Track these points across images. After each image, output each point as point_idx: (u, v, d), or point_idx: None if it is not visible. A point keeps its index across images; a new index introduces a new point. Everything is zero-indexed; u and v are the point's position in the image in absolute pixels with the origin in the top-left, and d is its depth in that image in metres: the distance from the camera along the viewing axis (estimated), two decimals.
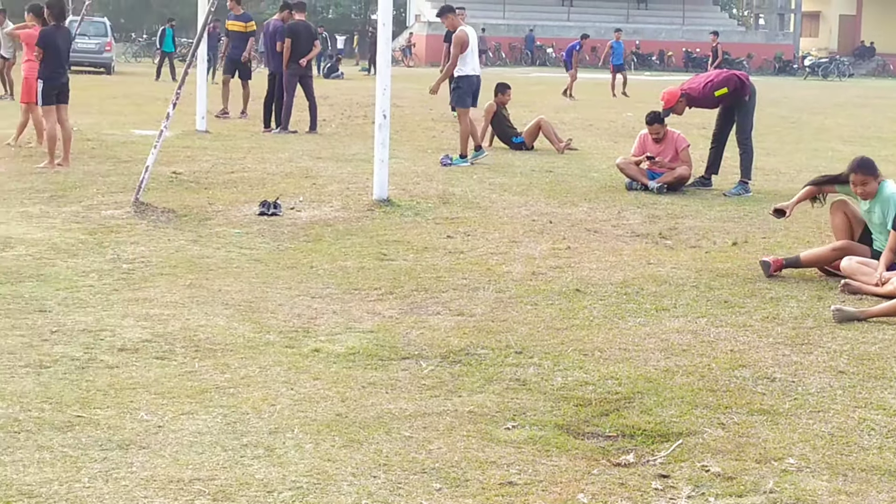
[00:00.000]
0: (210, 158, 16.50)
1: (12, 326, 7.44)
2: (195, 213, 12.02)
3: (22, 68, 17.23)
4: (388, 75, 12.82)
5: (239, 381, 6.42)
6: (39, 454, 5.19)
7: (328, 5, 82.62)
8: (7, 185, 13.71)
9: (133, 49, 64.68)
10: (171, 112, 12.85)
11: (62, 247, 10.16)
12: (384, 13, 12.83)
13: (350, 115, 25.83)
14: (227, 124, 22.44)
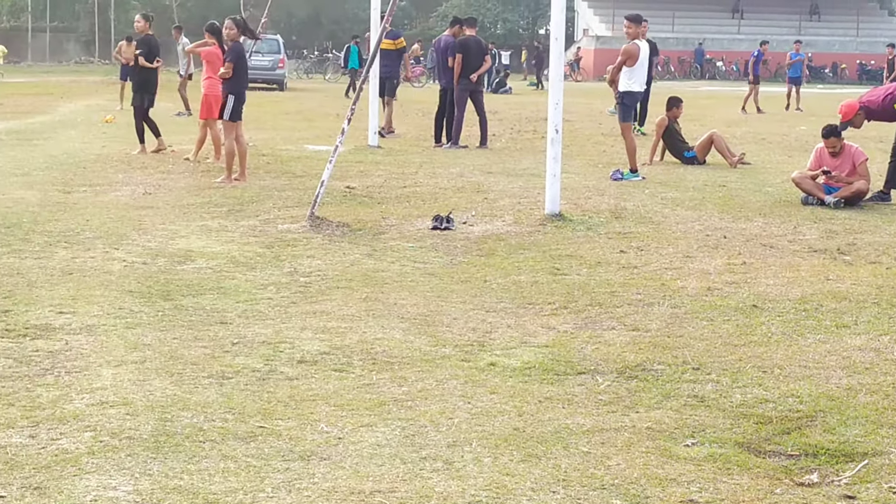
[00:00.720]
0: (382, 173, 16.70)
1: (195, 338, 7.61)
2: (369, 227, 12.15)
3: (202, 85, 17.65)
4: (561, 90, 12.80)
5: (416, 394, 6.46)
6: (224, 464, 5.29)
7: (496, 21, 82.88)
8: (187, 200, 14.05)
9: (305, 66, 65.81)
10: (346, 127, 13.02)
11: (241, 260, 10.36)
12: (556, 27, 12.81)
13: (519, 129, 25.89)
14: (398, 140, 22.66)
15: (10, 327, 7.77)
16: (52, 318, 8.08)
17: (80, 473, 5.14)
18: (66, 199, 13.99)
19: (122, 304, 8.55)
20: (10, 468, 5.18)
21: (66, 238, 11.24)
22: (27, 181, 15.57)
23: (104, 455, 5.36)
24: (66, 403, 6.16)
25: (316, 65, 65.80)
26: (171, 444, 5.53)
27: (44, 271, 9.67)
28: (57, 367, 6.88)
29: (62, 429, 5.73)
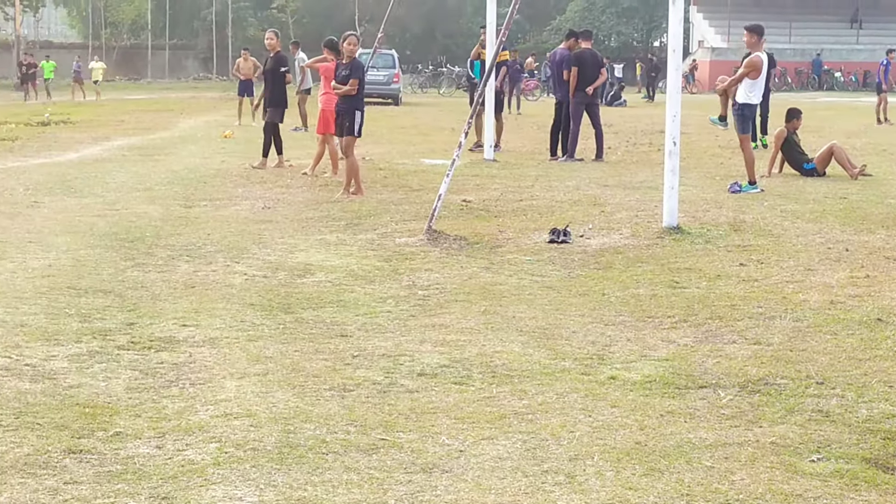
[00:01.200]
0: (498, 187, 16.72)
1: (316, 350, 7.68)
2: (486, 240, 12.17)
3: (319, 100, 17.85)
4: (678, 102, 12.71)
5: (537, 407, 6.45)
6: (347, 475, 5.33)
7: (610, 34, 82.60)
8: (305, 214, 14.20)
9: (419, 80, 66.17)
10: (463, 141, 13.07)
11: (359, 273, 10.44)
12: (674, 39, 12.73)
13: (635, 142, 25.77)
14: (514, 153, 22.67)
15: (135, 340, 7.91)
16: (176, 330, 8.21)
17: (206, 484, 5.21)
18: (188, 213, 14.23)
19: (244, 316, 8.67)
20: (139, 478, 5.27)
21: (189, 252, 11.43)
22: (150, 196, 15.86)
23: (229, 466, 5.43)
24: (192, 415, 6.25)
25: (430, 79, 66.14)
26: (294, 455, 5.59)
27: (167, 284, 9.84)
28: (182, 378, 6.99)
29: (188, 440, 5.82)
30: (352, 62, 15.54)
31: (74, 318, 8.55)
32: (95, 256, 11.09)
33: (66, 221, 13.36)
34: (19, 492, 5.09)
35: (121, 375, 7.03)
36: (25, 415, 6.19)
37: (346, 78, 15.46)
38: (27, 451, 5.60)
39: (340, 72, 15.60)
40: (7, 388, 6.68)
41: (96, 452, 5.62)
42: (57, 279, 9.95)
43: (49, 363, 7.28)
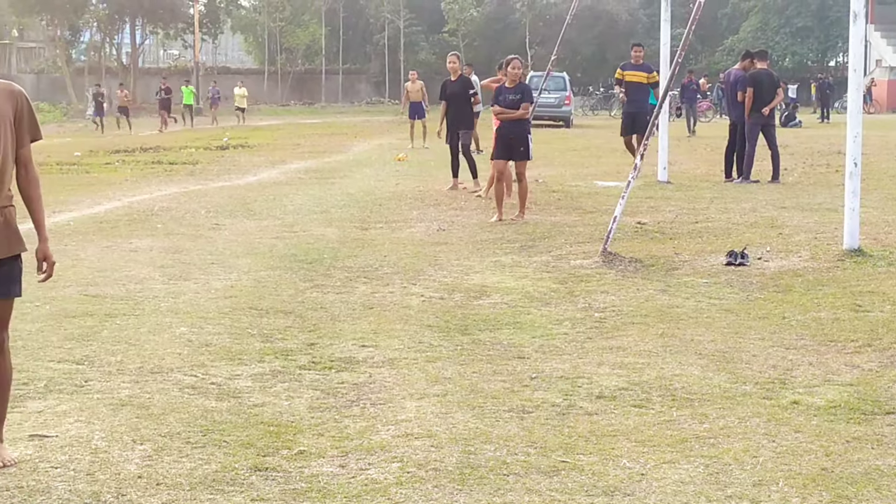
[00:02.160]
0: (673, 209, 16.58)
1: (493, 372, 7.71)
2: (662, 262, 12.07)
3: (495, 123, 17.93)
4: (860, 122, 12.43)
5: (718, 431, 6.37)
6: (529, 497, 5.33)
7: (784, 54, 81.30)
8: (480, 236, 14.28)
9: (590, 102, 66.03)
10: (639, 163, 13.00)
11: (535, 295, 10.45)
12: (855, 59, 12.49)
13: (811, 163, 25.31)
14: (688, 175, 22.46)
15: (316, 360, 8.04)
16: (356, 351, 8.32)
17: (389, 503, 5.26)
18: (364, 235, 14.42)
19: (422, 337, 8.74)
20: (324, 496, 5.36)
21: (366, 273, 11.58)
22: (326, 218, 16.12)
23: (412, 486, 5.48)
24: (373, 434, 6.33)
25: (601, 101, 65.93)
26: (475, 476, 5.61)
27: (346, 305, 9.98)
28: (362, 398, 7.08)
29: (370, 459, 5.89)
30: (520, 86, 15.56)
31: (257, 338, 8.73)
32: (276, 277, 11.31)
33: (247, 243, 13.66)
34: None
35: (303, 395, 7.16)
36: (212, 432, 6.34)
37: (515, 102, 15.45)
38: (215, 468, 5.73)
39: (506, 95, 15.58)
40: (194, 406, 6.85)
41: (281, 470, 5.72)
42: (239, 300, 10.18)
43: (234, 382, 7.45)
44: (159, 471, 5.69)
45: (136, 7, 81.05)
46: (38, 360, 7.94)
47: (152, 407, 6.83)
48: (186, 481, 5.54)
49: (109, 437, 6.24)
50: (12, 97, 5.56)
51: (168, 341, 8.57)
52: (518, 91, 15.53)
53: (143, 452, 5.98)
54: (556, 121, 46.24)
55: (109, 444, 6.12)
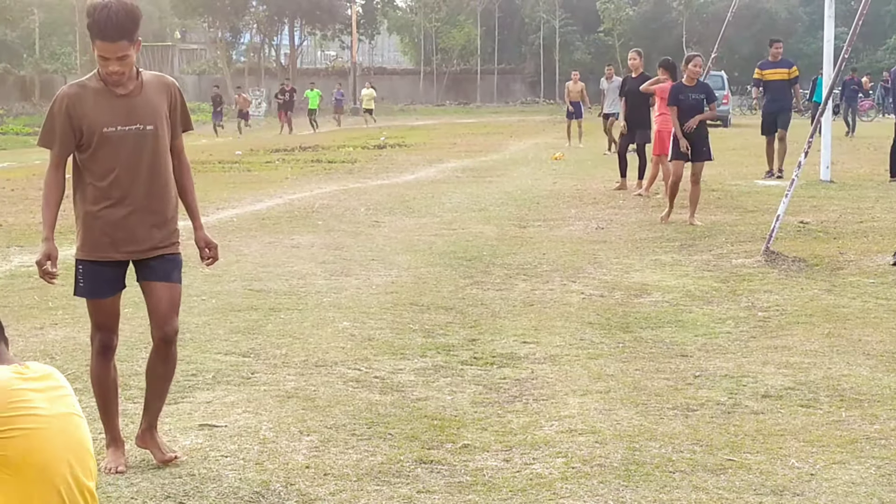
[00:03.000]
0: (836, 208, 16.26)
1: (656, 370, 7.64)
2: (826, 262, 11.83)
3: (655, 121, 17.83)
4: None
5: (889, 432, 6.22)
6: (696, 495, 5.27)
7: None
8: (639, 235, 14.17)
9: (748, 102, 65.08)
10: (803, 161, 12.76)
11: (696, 294, 10.33)
12: None
13: None
14: (851, 174, 22.00)
15: (478, 355, 8.06)
16: (517, 347, 8.32)
17: (555, 498, 5.26)
18: (522, 233, 14.42)
19: (583, 335, 8.71)
20: (489, 490, 5.37)
21: (525, 271, 11.58)
22: (484, 216, 16.16)
23: (577, 481, 5.46)
24: (536, 430, 6.32)
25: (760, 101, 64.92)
26: (641, 473, 5.57)
27: (506, 302, 9.99)
28: (525, 394, 7.08)
29: (534, 454, 5.89)
30: (700, 84, 15.20)
31: (419, 333, 8.79)
32: (435, 274, 11.38)
33: (406, 240, 13.76)
34: (375, 499, 5.26)
35: (465, 390, 7.18)
36: (377, 425, 6.40)
37: (700, 102, 15.00)
38: (381, 460, 5.79)
39: (689, 95, 15.06)
40: (358, 399, 6.92)
41: (446, 463, 5.75)
42: (400, 295, 10.26)
43: (397, 376, 7.51)
44: (326, 461, 5.77)
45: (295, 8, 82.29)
46: (205, 352, 8.11)
47: (318, 399, 6.92)
48: (353, 472, 5.61)
49: (277, 427, 6.35)
50: (166, 89, 5.69)
51: (331, 335, 8.68)
52: (701, 90, 15.11)
53: (310, 443, 6.07)
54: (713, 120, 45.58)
55: (277, 434, 6.22)
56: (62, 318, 9.17)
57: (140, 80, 5.59)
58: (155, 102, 5.62)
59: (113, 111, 5.52)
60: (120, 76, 5.46)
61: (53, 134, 5.59)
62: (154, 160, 5.62)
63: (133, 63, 5.49)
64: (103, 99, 5.53)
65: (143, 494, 5.31)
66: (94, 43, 5.40)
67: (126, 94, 5.54)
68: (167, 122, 5.67)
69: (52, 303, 9.72)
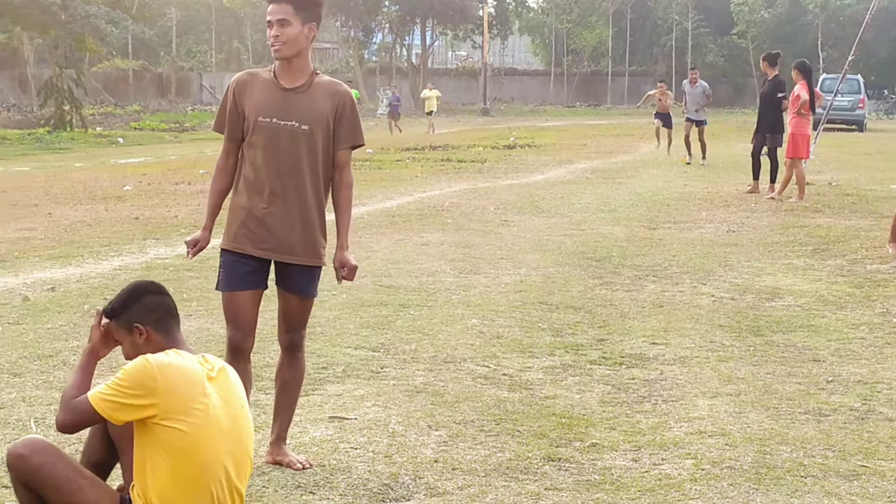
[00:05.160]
0: None
1: (788, 374, 7.54)
2: None
3: (789, 124, 17.61)
4: None
5: None
6: (828, 500, 5.21)
7: None
8: (770, 238, 13.99)
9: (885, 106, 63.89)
10: None
11: (829, 299, 10.17)
12: None
13: None
14: None
15: (606, 355, 8.04)
16: (646, 348, 8.28)
17: (683, 499, 5.23)
18: (652, 234, 14.33)
19: (713, 337, 8.63)
20: (617, 489, 5.35)
21: (654, 272, 11.50)
22: (614, 217, 16.09)
23: (706, 483, 5.42)
24: (665, 431, 6.29)
25: None
26: (771, 476, 5.51)
27: (635, 303, 9.94)
28: (653, 395, 7.04)
29: (663, 454, 5.86)
30: None
31: (547, 332, 8.79)
32: (564, 274, 11.36)
33: (535, 240, 13.76)
34: (503, 494, 5.28)
35: (594, 389, 7.17)
36: (505, 422, 6.42)
37: None
38: (509, 457, 5.81)
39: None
40: (487, 396, 6.95)
41: (574, 461, 5.75)
42: (528, 294, 10.26)
43: (525, 374, 7.52)
44: (454, 456, 5.80)
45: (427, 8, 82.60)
46: (336, 346, 8.20)
47: (446, 395, 6.96)
48: (481, 467, 5.63)
49: (406, 421, 6.40)
50: (336, 96, 5.57)
51: (460, 332, 8.72)
52: None
53: (439, 438, 6.11)
54: (848, 124, 44.90)
55: (406, 428, 6.27)
56: (196, 310, 9.34)
57: (311, 79, 5.55)
58: (319, 105, 5.52)
59: (272, 103, 5.50)
60: (279, 44, 5.43)
61: (223, 118, 5.64)
62: (305, 163, 5.52)
63: (296, 41, 5.44)
64: (268, 89, 5.53)
65: (273, 484, 5.39)
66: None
67: (291, 88, 5.52)
68: (328, 129, 5.55)
69: (187, 294, 9.90)
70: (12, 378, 7.24)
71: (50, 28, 48.13)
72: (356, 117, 5.66)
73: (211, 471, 4.32)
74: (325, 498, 5.24)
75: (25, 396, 6.81)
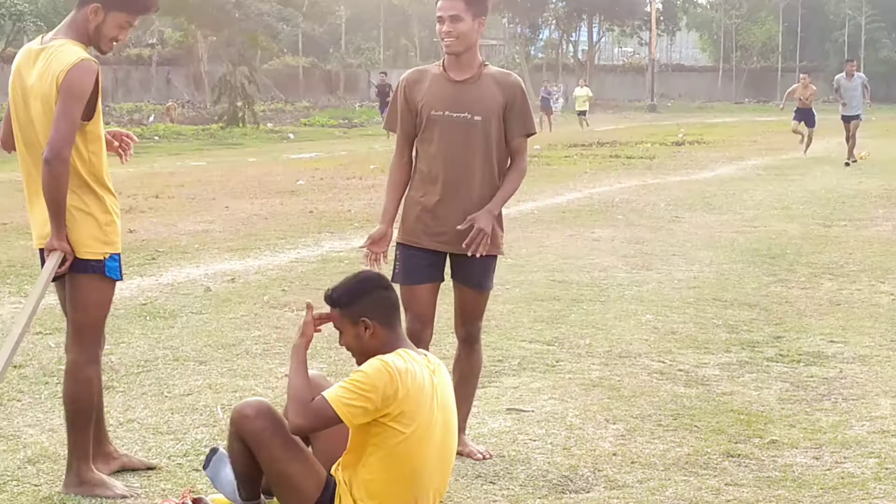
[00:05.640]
0: None
1: None
2: None
3: None
4: None
5: None
6: None
7: None
8: None
9: None
10: None
11: None
12: None
13: None
14: None
15: (783, 353, 7.94)
16: (824, 346, 8.16)
17: (867, 498, 5.15)
18: (827, 232, 14.10)
19: (894, 336, 8.47)
20: (798, 486, 5.30)
21: (830, 270, 11.32)
22: (787, 214, 15.87)
23: (891, 482, 5.34)
24: (847, 429, 6.20)
25: None
26: None
27: (811, 301, 9.80)
28: (833, 393, 6.94)
29: (845, 453, 5.78)
30: None
31: (722, 328, 8.72)
32: (738, 271, 11.25)
33: (707, 236, 13.65)
34: (683, 488, 5.27)
35: (772, 386, 7.10)
36: (682, 417, 6.40)
37: None
38: (687, 451, 5.79)
39: None
40: (663, 391, 6.93)
41: (754, 458, 5.71)
42: (702, 290, 10.19)
43: (701, 370, 7.47)
44: (633, 450, 5.81)
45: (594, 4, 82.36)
46: (510, 339, 8.26)
47: (622, 389, 6.97)
48: (660, 461, 5.63)
49: (583, 414, 6.42)
50: (507, 86, 5.62)
51: (634, 327, 8.71)
52: None
53: (616, 431, 6.12)
54: None
55: (583, 421, 6.30)
56: None
57: (480, 70, 5.62)
58: (490, 95, 5.58)
59: (443, 96, 5.59)
60: (451, 40, 5.51)
61: (395, 116, 5.75)
62: (478, 153, 5.59)
63: (468, 36, 5.52)
64: (438, 84, 5.62)
65: (454, 473, 5.43)
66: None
67: (461, 80, 5.60)
68: (500, 119, 5.60)
69: None
70: (198, 365, 7.46)
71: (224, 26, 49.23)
72: (527, 106, 5.72)
73: (419, 477, 4.43)
74: (505, 488, 5.29)
75: (211, 383, 7.01)
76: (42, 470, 5.44)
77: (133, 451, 5.69)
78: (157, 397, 6.73)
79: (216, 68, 54.23)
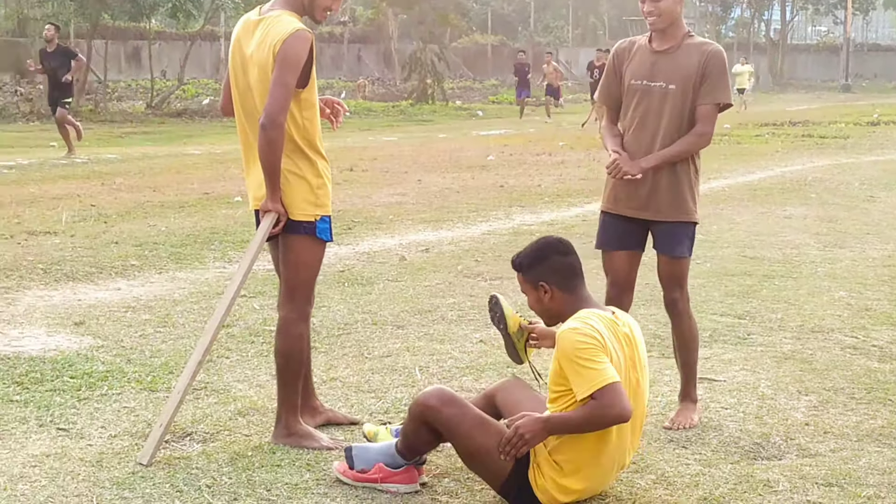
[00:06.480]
0: None
1: None
2: None
3: None
4: None
5: None
6: None
7: None
8: None
9: None
10: None
11: None
12: None
13: None
14: None
15: None
16: None
17: None
18: None
19: None
20: None
21: None
22: None
23: None
24: None
25: None
26: None
27: None
28: None
29: None
30: None
31: None
32: None
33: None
34: (877, 459, 5.28)
35: None
36: (876, 391, 6.39)
37: None
38: (881, 424, 5.80)
39: None
40: (856, 366, 6.92)
41: None
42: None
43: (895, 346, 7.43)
44: (825, 420, 5.84)
45: None
46: (701, 312, 8.29)
47: (815, 362, 6.98)
48: (853, 432, 5.66)
49: (774, 385, 6.47)
50: (704, 55, 5.70)
51: (827, 303, 8.67)
52: None
53: (809, 403, 6.15)
54: None
55: (775, 392, 6.34)
56: None
57: (682, 41, 5.75)
58: (687, 64, 5.69)
59: (642, 66, 5.77)
60: (654, 18, 5.67)
61: (606, 88, 5.97)
62: (668, 121, 5.71)
63: (671, 12, 5.66)
64: (640, 54, 5.82)
65: (647, 437, 5.57)
66: None
67: (661, 50, 5.76)
68: (694, 88, 5.69)
69: None
70: (396, 329, 7.71)
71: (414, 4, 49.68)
72: (723, 75, 5.77)
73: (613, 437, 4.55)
74: (697, 453, 5.38)
75: (409, 346, 7.25)
76: (252, 422, 5.73)
77: (336, 407, 5.94)
78: (357, 358, 6.99)
79: (406, 46, 54.85)
